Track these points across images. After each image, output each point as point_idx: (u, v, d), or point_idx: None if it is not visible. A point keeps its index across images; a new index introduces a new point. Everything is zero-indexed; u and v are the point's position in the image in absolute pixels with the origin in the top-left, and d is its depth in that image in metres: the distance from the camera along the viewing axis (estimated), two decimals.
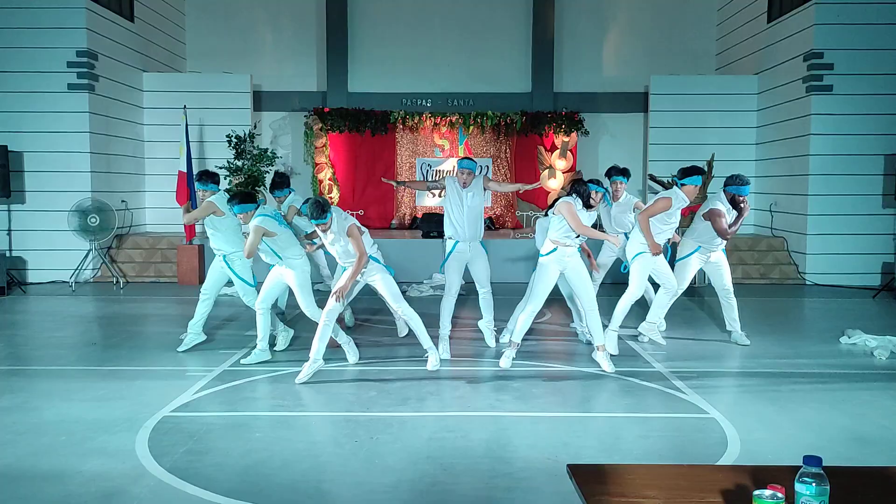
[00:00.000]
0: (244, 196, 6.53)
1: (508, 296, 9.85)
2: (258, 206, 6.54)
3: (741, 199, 7.03)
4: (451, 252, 6.94)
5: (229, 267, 7.08)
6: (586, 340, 7.28)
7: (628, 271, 7.15)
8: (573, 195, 6.27)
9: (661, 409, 5.40)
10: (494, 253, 12.58)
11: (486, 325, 7.38)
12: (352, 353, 6.64)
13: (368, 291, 7.13)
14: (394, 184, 8.20)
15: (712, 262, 7.37)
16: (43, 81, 11.85)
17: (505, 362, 6.47)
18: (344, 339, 6.60)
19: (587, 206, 6.26)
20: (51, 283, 11.75)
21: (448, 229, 7.01)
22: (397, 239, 12.52)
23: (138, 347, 7.34)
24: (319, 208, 5.87)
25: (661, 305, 7.29)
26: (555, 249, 6.32)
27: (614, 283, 8.63)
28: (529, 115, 14.76)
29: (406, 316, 6.44)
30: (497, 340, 7.39)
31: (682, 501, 2.09)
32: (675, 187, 6.99)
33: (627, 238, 7.36)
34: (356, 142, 14.81)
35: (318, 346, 6.05)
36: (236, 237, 7.08)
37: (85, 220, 11.40)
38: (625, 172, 7.74)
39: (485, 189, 7.01)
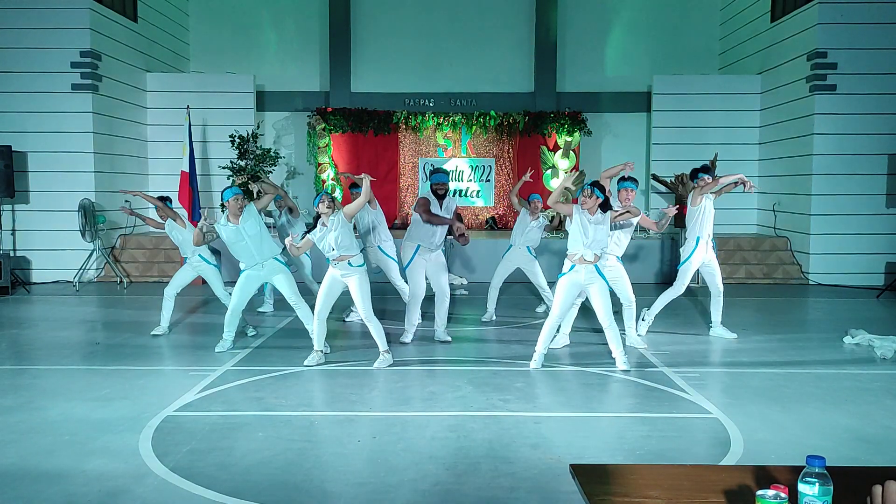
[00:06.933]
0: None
1: (515, 296, 9.87)
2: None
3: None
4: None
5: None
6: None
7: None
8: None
9: (663, 409, 5.39)
10: (498, 252, 12.60)
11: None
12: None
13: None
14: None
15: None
16: (47, 82, 11.88)
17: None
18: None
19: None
20: (55, 283, 11.77)
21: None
22: (400, 239, 12.49)
23: (141, 347, 7.35)
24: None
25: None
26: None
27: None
28: (532, 115, 14.76)
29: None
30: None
31: (684, 501, 2.09)
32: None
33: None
34: (359, 142, 14.82)
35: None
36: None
37: (79, 219, 11.40)
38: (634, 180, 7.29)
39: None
